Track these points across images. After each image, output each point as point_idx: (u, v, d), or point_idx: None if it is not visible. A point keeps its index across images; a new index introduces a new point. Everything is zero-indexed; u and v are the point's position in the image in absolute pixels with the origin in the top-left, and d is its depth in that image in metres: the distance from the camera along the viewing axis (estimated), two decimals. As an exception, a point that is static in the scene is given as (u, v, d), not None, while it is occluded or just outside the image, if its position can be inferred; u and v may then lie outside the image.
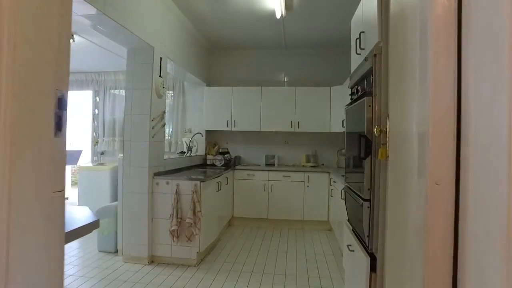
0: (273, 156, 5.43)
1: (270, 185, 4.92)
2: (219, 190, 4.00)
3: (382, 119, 1.54)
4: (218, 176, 3.98)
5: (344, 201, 2.89)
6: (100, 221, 3.68)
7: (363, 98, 1.73)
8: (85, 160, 6.39)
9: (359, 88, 2.01)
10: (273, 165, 5.36)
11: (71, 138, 7.54)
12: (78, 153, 6.98)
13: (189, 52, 4.60)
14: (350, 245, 2.01)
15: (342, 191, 3.19)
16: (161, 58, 3.52)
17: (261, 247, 4.01)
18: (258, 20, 4.22)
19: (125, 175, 3.42)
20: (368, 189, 1.63)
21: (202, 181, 3.35)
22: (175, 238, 3.32)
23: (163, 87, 3.54)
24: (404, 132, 1.22)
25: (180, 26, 4.14)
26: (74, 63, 5.31)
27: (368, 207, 1.63)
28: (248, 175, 4.98)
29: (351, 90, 2.30)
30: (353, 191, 2.08)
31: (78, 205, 5.12)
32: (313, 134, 5.36)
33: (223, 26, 4.48)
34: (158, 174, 3.49)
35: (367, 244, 1.65)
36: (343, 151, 5.14)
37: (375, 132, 1.49)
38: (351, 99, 2.30)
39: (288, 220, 4.91)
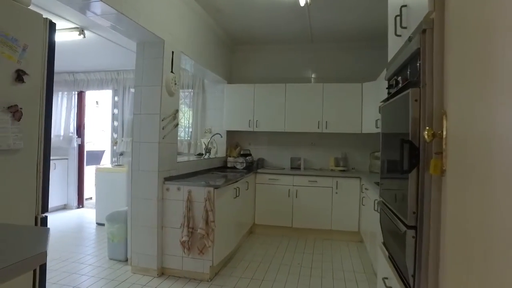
0: (299, 159, 5.01)
1: (295, 190, 4.51)
2: (236, 196, 3.65)
3: (436, 118, 1.12)
4: (236, 181, 3.63)
5: (378, 217, 2.45)
6: (110, 228, 3.47)
7: (407, 91, 1.30)
8: (107, 161, 6.30)
9: (399, 79, 1.58)
10: (298, 168, 4.94)
11: (93, 139, 7.51)
12: (101, 153, 6.93)
13: (208, 47, 4.29)
14: (387, 279, 1.58)
15: (377, 203, 2.74)
16: (172, 52, 3.22)
17: (283, 260, 3.62)
18: (280, 10, 3.82)
19: (134, 180, 3.16)
20: (414, 213, 1.21)
21: (216, 187, 3.02)
22: (186, 250, 3.01)
23: (175, 84, 3.24)
24: (482, 136, 0.80)
25: (196, 18, 3.83)
26: (94, 62, 5.18)
27: (414, 238, 1.20)
28: (271, 179, 4.60)
29: (388, 83, 1.86)
30: (391, 210, 1.64)
31: (95, 207, 4.98)
32: (343, 135, 4.89)
33: (243, 18, 4.12)
34: (169, 179, 3.20)
35: (411, 286, 1.23)
36: (377, 154, 4.62)
37: (426, 136, 1.06)
38: (388, 93, 1.86)
39: (314, 229, 4.48)
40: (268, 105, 4.83)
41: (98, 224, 4.87)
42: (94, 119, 7.57)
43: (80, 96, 6.01)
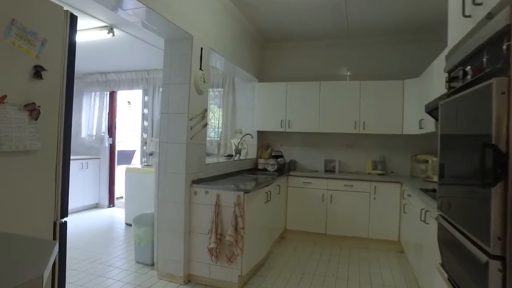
0: (333, 161, 4.72)
1: (329, 195, 4.23)
2: (268, 201, 3.45)
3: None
4: (268, 185, 3.42)
5: (425, 227, 2.15)
6: (137, 231, 3.38)
7: (488, 82, 1.03)
8: (137, 161, 6.32)
9: (467, 69, 1.30)
10: (333, 171, 4.65)
11: (125, 138, 7.59)
12: (132, 153, 6.97)
13: (239, 44, 4.12)
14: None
15: (425, 212, 2.43)
16: (201, 48, 3.07)
17: (316, 270, 3.36)
18: (314, 3, 3.56)
19: (161, 182, 3.04)
20: (499, 239, 0.94)
21: (246, 191, 2.82)
22: (214, 257, 2.84)
23: (204, 82, 3.08)
24: None
25: (226, 13, 3.67)
26: (124, 61, 5.17)
27: (501, 271, 0.94)
28: (304, 182, 4.35)
29: (449, 75, 1.57)
30: (458, 229, 1.35)
31: (125, 208, 4.96)
32: (381, 136, 4.54)
33: (274, 13, 3.89)
34: (197, 181, 3.05)
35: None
36: (420, 157, 4.24)
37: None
38: (449, 87, 1.57)
39: (349, 237, 4.18)
40: (301, 104, 4.58)
41: (127, 224, 4.85)
42: (126, 119, 7.66)
43: (112, 96, 6.05)
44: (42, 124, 1.53)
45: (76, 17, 1.71)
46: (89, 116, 6.01)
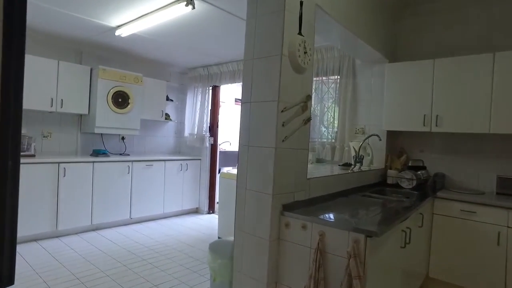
0: (514, 180, 2.99)
1: (506, 234, 2.60)
2: (406, 244, 2.13)
3: None
4: (406, 219, 2.10)
5: None
6: (212, 263, 2.49)
7: None
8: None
9: None
10: (513, 195, 2.94)
11: (231, 138, 7.10)
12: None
13: (362, 8, 2.89)
14: None
15: None
16: (301, 2, 1.99)
17: None
18: None
19: (239, 202, 2.10)
20: None
21: (370, 234, 1.62)
22: (312, 333, 1.74)
23: (305, 53, 2.00)
24: None
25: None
26: (223, 49, 4.50)
27: None
28: (463, 211, 2.81)
29: None
30: None
31: (218, 219, 4.26)
32: None
33: None
34: (290, 207, 1.99)
35: None
36: None
37: None
38: None
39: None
40: (457, 90, 3.02)
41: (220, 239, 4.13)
42: (233, 117, 7.17)
43: (214, 91, 5.53)
44: None
45: None
46: (191, 113, 5.63)
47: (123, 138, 5.12)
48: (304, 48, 2.00)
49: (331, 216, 1.92)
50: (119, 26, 3.67)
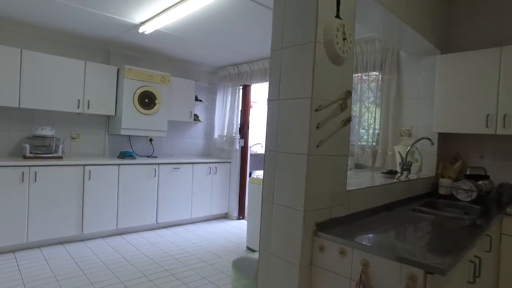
0: None
1: None
2: (476, 278, 1.70)
3: None
4: (474, 246, 1.68)
5: None
6: (235, 283, 2.19)
7: None
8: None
9: None
10: None
11: (263, 141, 6.80)
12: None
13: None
14: None
15: None
16: (341, -23, 1.65)
17: None
18: None
19: (265, 218, 1.79)
20: None
21: (429, 270, 1.24)
22: None
23: (344, 39, 1.65)
24: None
25: None
26: (254, 46, 4.21)
27: None
28: (537, 230, 2.31)
29: None
30: None
31: (247, 227, 3.98)
32: None
33: None
34: (326, 225, 1.65)
35: None
36: None
37: None
38: None
39: None
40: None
41: (248, 249, 3.85)
42: (264, 118, 6.85)
43: (245, 91, 5.26)
44: None
45: None
46: (221, 114, 5.40)
47: (151, 140, 5.00)
48: (343, 33, 1.65)
49: (377, 239, 1.55)
50: (142, 23, 3.50)
